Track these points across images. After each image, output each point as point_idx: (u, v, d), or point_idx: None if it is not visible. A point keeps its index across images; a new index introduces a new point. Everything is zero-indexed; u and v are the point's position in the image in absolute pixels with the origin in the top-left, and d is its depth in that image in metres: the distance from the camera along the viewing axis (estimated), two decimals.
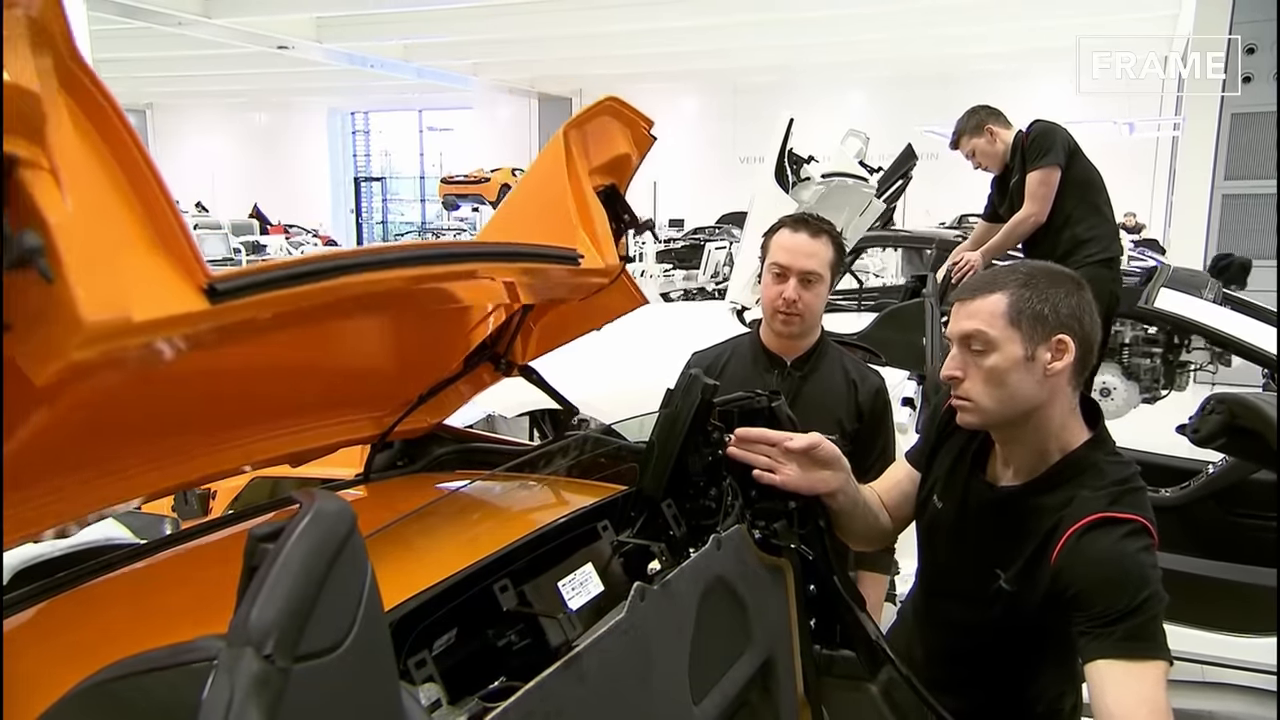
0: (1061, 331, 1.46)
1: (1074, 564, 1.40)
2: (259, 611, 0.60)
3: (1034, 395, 1.48)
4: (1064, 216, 3.96)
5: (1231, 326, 2.92)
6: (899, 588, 2.94)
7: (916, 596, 1.84)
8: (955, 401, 1.55)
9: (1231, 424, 2.39)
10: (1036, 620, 1.50)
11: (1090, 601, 1.37)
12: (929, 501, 1.72)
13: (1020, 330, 1.46)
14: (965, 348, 1.51)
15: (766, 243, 2.27)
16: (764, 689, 1.49)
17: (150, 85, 26.03)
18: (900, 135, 19.70)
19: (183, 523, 2.50)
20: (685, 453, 1.48)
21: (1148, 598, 1.35)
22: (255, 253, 14.34)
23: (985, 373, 1.49)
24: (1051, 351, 1.46)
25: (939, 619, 1.74)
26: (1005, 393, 1.48)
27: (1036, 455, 1.54)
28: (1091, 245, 3.92)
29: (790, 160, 4.48)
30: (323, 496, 0.69)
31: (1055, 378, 1.47)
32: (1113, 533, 1.40)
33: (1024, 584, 1.50)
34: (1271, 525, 2.69)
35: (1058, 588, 1.42)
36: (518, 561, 1.13)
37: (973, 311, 1.50)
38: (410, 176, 31.07)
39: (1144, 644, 1.33)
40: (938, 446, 1.73)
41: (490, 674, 1.02)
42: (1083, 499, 1.45)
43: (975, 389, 1.51)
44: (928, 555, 1.75)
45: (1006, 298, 1.47)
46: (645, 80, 23.56)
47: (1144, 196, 16.20)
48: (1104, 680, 1.32)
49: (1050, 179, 3.90)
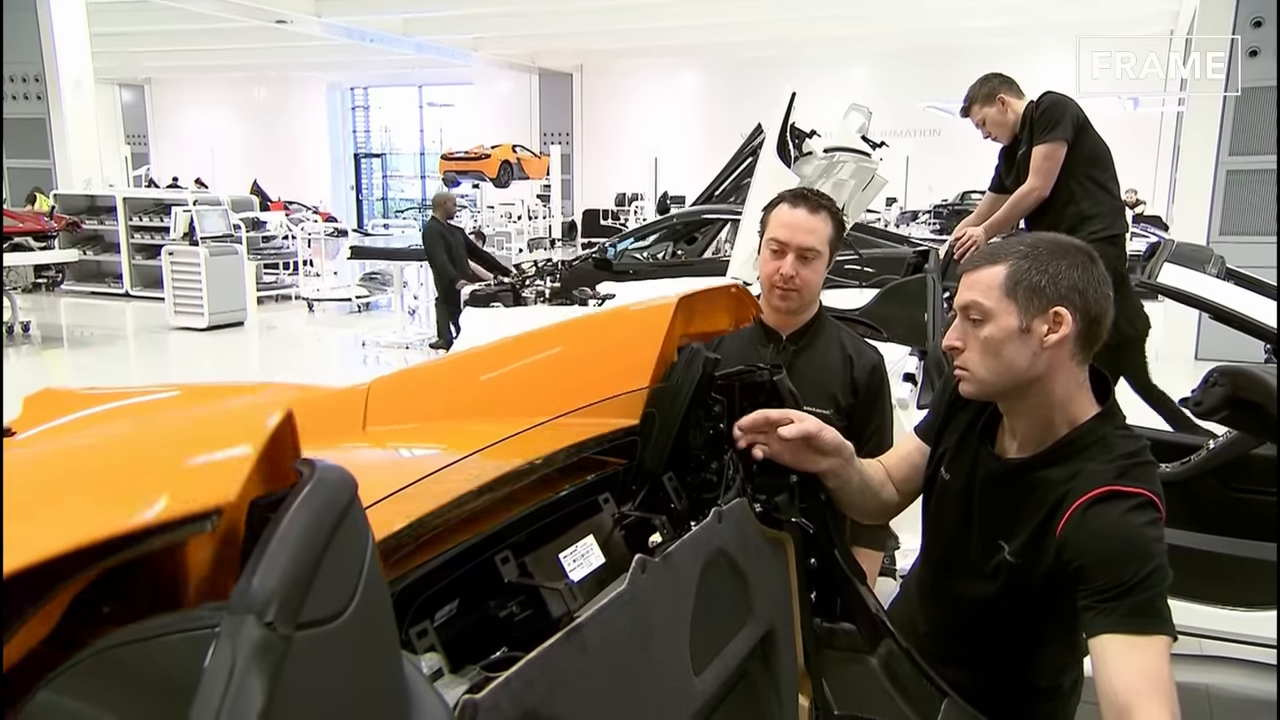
0: (1059, 304, 1.45)
1: (1079, 537, 1.40)
2: (260, 579, 0.60)
3: (1030, 367, 1.48)
4: (1069, 192, 3.91)
5: (1234, 301, 2.91)
6: (899, 562, 2.95)
7: (920, 571, 1.84)
8: (956, 371, 1.56)
9: (1234, 396, 2.39)
10: (1040, 594, 1.51)
11: (1095, 574, 1.37)
12: (937, 474, 1.72)
13: (1016, 301, 1.46)
14: (965, 318, 1.52)
15: (766, 218, 2.26)
16: (764, 661, 1.49)
17: (148, 60, 25.90)
18: (903, 110, 19.69)
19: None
20: (686, 426, 1.48)
21: (1153, 571, 1.35)
22: (255, 229, 14.28)
23: (982, 343, 1.49)
24: (1048, 324, 1.45)
25: (943, 593, 1.74)
26: (1001, 363, 1.48)
27: (1042, 427, 1.53)
28: (1095, 222, 3.87)
29: (792, 135, 4.46)
30: (324, 466, 0.69)
31: (1054, 350, 1.46)
32: (1119, 506, 1.40)
33: (1028, 557, 1.50)
34: (1272, 500, 2.70)
35: (1062, 560, 1.42)
36: (520, 532, 1.14)
37: (973, 282, 1.51)
38: (410, 153, 30.95)
39: (1148, 619, 1.33)
40: (947, 420, 1.73)
41: (492, 644, 1.02)
42: (1090, 472, 1.45)
43: (972, 359, 1.51)
44: (933, 528, 1.75)
45: (1005, 268, 1.47)
46: (646, 55, 23.44)
47: (1147, 172, 16.14)
48: (1107, 654, 1.32)
49: (1056, 154, 3.86)
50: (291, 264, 14.90)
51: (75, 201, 14.10)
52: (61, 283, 14.26)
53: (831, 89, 16.73)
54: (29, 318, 11.39)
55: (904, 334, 3.51)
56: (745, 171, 8.92)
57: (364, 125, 31.16)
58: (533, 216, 19.81)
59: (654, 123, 24.35)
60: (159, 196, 15.54)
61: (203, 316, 11.45)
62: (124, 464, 0.73)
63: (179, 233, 11.92)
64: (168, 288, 11.70)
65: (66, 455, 0.80)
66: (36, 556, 0.57)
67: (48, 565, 0.57)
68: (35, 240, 11.26)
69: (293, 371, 10.05)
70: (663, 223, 10.04)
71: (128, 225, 14.11)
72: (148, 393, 2.06)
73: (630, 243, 9.34)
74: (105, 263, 14.79)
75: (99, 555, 0.59)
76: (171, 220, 12.27)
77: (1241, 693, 2.87)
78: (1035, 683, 1.67)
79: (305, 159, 28.80)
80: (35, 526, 0.60)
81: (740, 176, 8.96)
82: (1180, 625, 1.38)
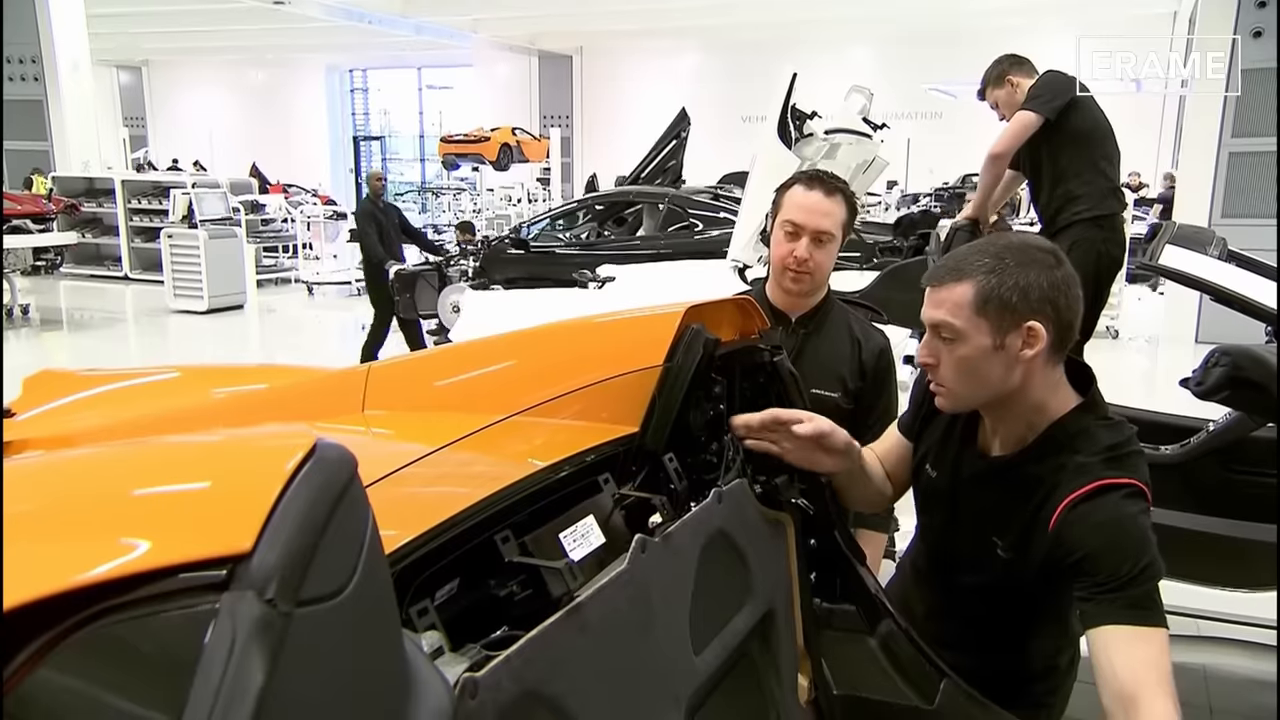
0: (1032, 317, 1.42)
1: (1074, 530, 1.40)
2: (261, 556, 0.60)
3: (1006, 381, 1.46)
4: (1058, 171, 3.84)
5: (1235, 283, 2.90)
6: (898, 544, 2.96)
7: (917, 555, 1.84)
8: (931, 387, 1.55)
9: (1235, 376, 2.38)
10: (1034, 585, 1.51)
11: (1095, 567, 1.36)
12: (922, 470, 1.72)
13: (988, 319, 1.43)
14: (935, 335, 1.49)
15: (779, 199, 2.24)
16: (764, 641, 1.50)
17: (146, 41, 25.75)
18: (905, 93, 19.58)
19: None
20: (687, 407, 1.48)
21: (1149, 563, 1.35)
22: (254, 212, 14.25)
23: (955, 361, 1.47)
24: (1023, 338, 1.43)
25: (938, 580, 1.75)
26: (977, 380, 1.47)
27: (1023, 426, 1.53)
28: (1081, 202, 3.79)
29: (793, 116, 4.44)
30: (324, 443, 0.69)
31: (1029, 362, 1.45)
32: (1111, 496, 1.39)
33: (1020, 551, 1.50)
34: (1271, 482, 2.70)
35: (1058, 554, 1.42)
36: (520, 512, 1.14)
37: (939, 300, 1.47)
38: (410, 135, 30.83)
39: (1148, 611, 1.33)
40: (929, 415, 1.72)
41: (492, 623, 1.02)
42: (1076, 465, 1.44)
43: (947, 376, 1.50)
44: (925, 520, 1.76)
45: (973, 286, 1.43)
46: (647, 37, 23.30)
47: (1150, 153, 16.07)
48: (1109, 645, 1.32)
49: (1025, 121, 3.75)
50: (291, 247, 14.86)
51: (73, 184, 14.07)
52: (61, 265, 14.24)
53: (833, 71, 16.65)
54: (28, 300, 11.38)
55: (904, 316, 3.50)
56: (669, 155, 9.15)
57: (363, 108, 31.02)
58: (532, 200, 19.73)
59: (654, 105, 24.19)
60: (157, 179, 15.50)
61: (202, 300, 11.45)
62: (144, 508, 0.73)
63: (178, 216, 11.89)
64: (167, 271, 11.69)
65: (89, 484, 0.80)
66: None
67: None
68: (34, 223, 11.23)
69: (292, 354, 10.07)
70: (581, 204, 10.49)
71: (126, 208, 14.07)
72: (146, 374, 2.06)
73: (546, 224, 9.50)
74: (104, 246, 14.77)
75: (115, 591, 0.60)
76: (170, 203, 12.24)
77: (1238, 673, 2.89)
78: (1032, 665, 1.68)
79: (304, 142, 28.67)
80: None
81: (664, 160, 9.17)
82: (1178, 606, 1.39)
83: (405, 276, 7.82)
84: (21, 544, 0.61)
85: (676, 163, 9.22)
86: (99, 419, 1.74)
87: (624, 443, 1.40)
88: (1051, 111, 3.74)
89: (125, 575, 0.59)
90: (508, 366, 1.66)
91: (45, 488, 0.78)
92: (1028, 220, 13.43)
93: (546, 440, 1.38)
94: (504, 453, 1.41)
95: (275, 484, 0.64)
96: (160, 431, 1.58)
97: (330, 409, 1.63)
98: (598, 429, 1.41)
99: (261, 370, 2.51)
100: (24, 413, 1.80)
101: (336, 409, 1.62)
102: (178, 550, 0.61)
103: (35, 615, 0.57)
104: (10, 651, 0.57)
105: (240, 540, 0.61)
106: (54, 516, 0.70)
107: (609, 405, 1.46)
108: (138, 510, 0.71)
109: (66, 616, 0.59)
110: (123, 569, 0.60)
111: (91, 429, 1.70)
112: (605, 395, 1.47)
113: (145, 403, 1.84)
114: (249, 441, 0.98)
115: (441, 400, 1.62)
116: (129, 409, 1.79)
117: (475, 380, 1.63)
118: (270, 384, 1.93)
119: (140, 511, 0.71)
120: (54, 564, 0.61)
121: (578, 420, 1.46)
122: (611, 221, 9.47)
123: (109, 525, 0.67)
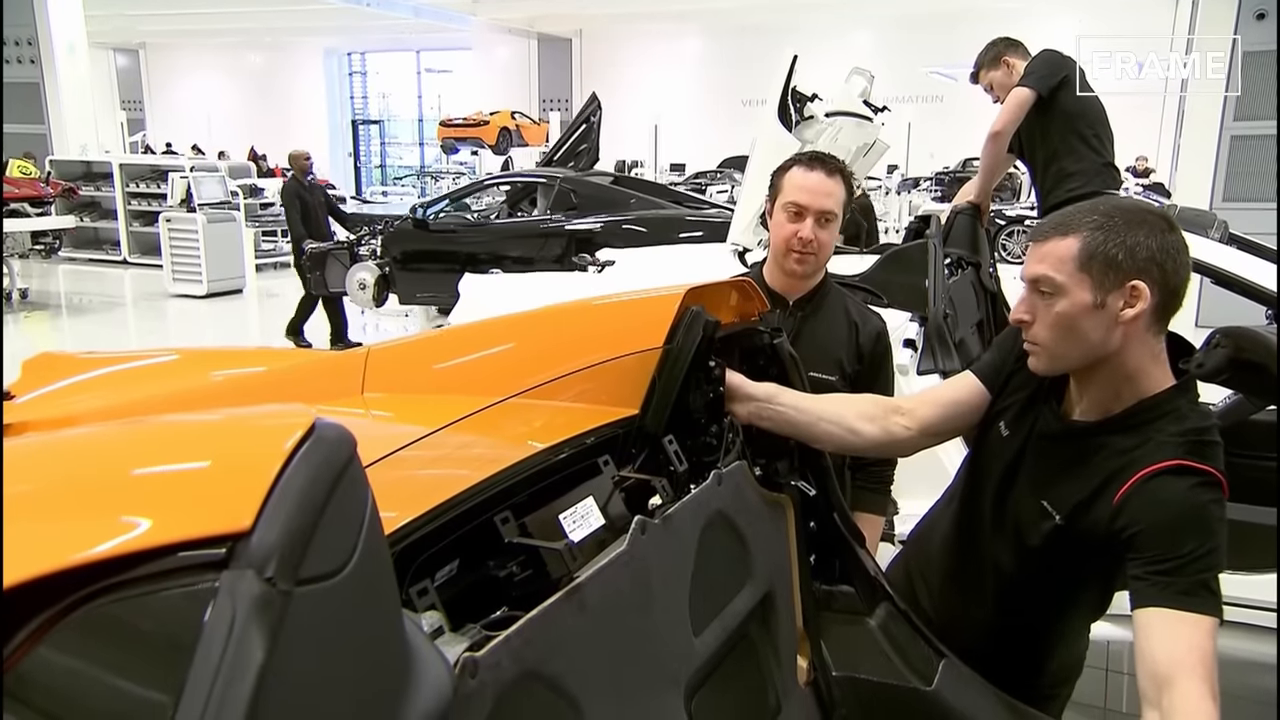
0: (1137, 277, 1.36)
1: (1140, 505, 1.37)
2: (260, 534, 0.60)
3: (1105, 342, 1.41)
4: (1051, 149, 3.84)
5: (1236, 266, 2.89)
6: (898, 528, 2.96)
7: (946, 532, 1.78)
8: (1025, 345, 1.50)
9: (1236, 358, 2.37)
10: (1077, 558, 1.48)
11: (1150, 543, 1.34)
12: (994, 426, 1.65)
13: (1091, 276, 1.38)
14: (1035, 291, 1.44)
15: (778, 181, 2.23)
16: (763, 622, 1.50)
17: (143, 24, 25.62)
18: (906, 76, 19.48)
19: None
20: (687, 389, 1.48)
21: (1212, 550, 1.32)
22: (252, 196, 14.20)
23: (1053, 318, 1.42)
24: (1125, 298, 1.37)
25: (970, 552, 1.69)
26: (1074, 339, 1.42)
27: (1111, 395, 1.47)
28: (1074, 180, 3.75)
29: (793, 98, 4.41)
30: (323, 423, 0.68)
31: (1129, 325, 1.39)
32: (1186, 480, 1.36)
33: (1076, 520, 1.46)
34: (1271, 465, 2.70)
35: (1116, 527, 1.39)
36: (519, 494, 1.14)
37: (1043, 254, 1.42)
38: (408, 119, 30.73)
39: (1201, 598, 1.29)
40: (1015, 371, 1.64)
41: (492, 604, 1.03)
42: (1158, 443, 1.40)
43: (1043, 334, 1.45)
44: (973, 483, 1.69)
45: (1079, 241, 1.39)
46: (646, 21, 23.19)
47: (1151, 137, 16.01)
48: (1153, 625, 1.29)
49: (1021, 97, 3.75)
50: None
51: (71, 167, 14.01)
52: (59, 249, 14.20)
53: (834, 55, 16.55)
54: (26, 284, 11.36)
55: (904, 300, 3.49)
56: (579, 139, 9.24)
57: (361, 91, 30.91)
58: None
59: (654, 89, 24.14)
60: (155, 163, 15.44)
61: (201, 284, 11.43)
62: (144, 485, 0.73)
63: (176, 199, 11.85)
64: (166, 255, 11.66)
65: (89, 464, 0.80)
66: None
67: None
68: (31, 206, 11.20)
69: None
70: (479, 185, 11.02)
71: (125, 192, 14.03)
72: (145, 357, 2.05)
73: (447, 204, 9.68)
74: (103, 229, 14.72)
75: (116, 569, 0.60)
76: (169, 187, 12.19)
77: (1236, 655, 2.90)
78: (1042, 648, 1.66)
79: (302, 125, 28.56)
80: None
81: (576, 143, 9.26)
82: None
83: (316, 254, 8.05)
84: (21, 523, 0.61)
85: (589, 146, 9.32)
86: (98, 401, 1.74)
87: (624, 425, 1.40)
88: (1045, 87, 3.74)
89: (125, 554, 0.59)
90: (507, 349, 1.66)
91: (45, 467, 0.78)
92: (1028, 204, 13.42)
93: (546, 422, 1.38)
94: (504, 434, 1.41)
95: (275, 463, 0.64)
96: (159, 414, 1.58)
97: (329, 391, 1.63)
98: (597, 411, 1.41)
99: (260, 353, 2.50)
100: (23, 395, 1.80)
101: (336, 391, 1.62)
102: (177, 529, 0.61)
103: (35, 593, 0.57)
104: (10, 629, 0.57)
105: (240, 519, 0.61)
106: (53, 495, 0.70)
107: (609, 387, 1.46)
108: (137, 489, 0.71)
109: (66, 595, 0.59)
110: (122, 547, 0.60)
111: (91, 411, 1.70)
112: (605, 377, 1.47)
113: (144, 385, 1.84)
114: (248, 420, 0.97)
115: (441, 383, 1.62)
116: (128, 392, 1.79)
117: (475, 362, 1.63)
118: (269, 367, 1.92)
119: (139, 490, 0.70)
120: (54, 542, 0.61)
121: (577, 402, 1.46)
122: (527, 202, 9.57)
123: (108, 504, 0.67)
